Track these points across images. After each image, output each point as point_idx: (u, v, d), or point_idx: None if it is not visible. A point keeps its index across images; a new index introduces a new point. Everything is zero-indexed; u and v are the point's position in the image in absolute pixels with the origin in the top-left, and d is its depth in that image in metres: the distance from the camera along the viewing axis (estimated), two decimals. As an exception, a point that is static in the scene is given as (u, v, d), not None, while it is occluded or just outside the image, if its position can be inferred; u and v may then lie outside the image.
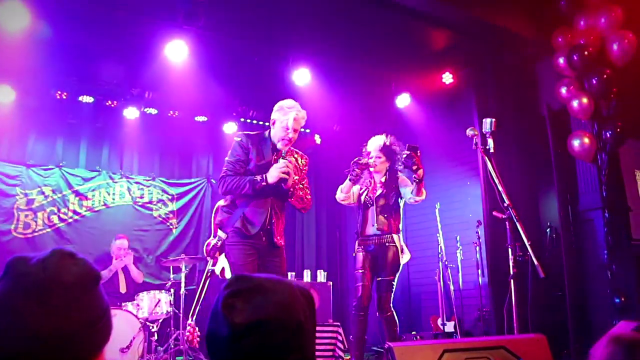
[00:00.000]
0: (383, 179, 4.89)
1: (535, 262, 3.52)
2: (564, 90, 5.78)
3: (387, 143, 4.94)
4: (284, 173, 3.65)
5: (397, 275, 4.72)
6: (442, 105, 7.34)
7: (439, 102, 7.35)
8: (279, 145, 3.84)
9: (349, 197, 4.87)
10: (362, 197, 4.88)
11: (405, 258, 4.82)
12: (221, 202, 4.06)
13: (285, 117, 3.82)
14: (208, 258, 3.96)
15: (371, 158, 4.86)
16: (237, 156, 3.81)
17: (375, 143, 4.96)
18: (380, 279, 4.67)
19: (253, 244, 3.74)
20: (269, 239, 3.79)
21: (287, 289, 1.13)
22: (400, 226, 4.88)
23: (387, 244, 4.69)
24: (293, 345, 1.07)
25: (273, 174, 3.64)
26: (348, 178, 4.75)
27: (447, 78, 7.08)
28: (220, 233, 3.87)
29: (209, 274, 4.00)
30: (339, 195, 4.91)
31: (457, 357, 2.59)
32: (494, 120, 3.96)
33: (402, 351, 2.56)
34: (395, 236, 4.73)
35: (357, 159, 4.78)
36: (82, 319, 1.04)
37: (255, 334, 1.05)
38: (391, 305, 4.62)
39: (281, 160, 3.69)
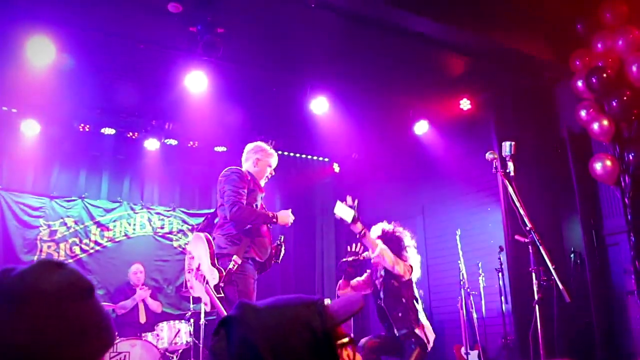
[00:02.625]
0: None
1: (561, 287, 3.43)
2: (583, 113, 5.73)
3: (387, 231, 4.99)
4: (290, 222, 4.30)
5: None
6: (460, 131, 7.33)
7: (457, 128, 7.33)
8: (262, 182, 4.41)
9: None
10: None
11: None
12: (215, 233, 4.22)
13: (268, 159, 4.47)
14: (221, 284, 3.99)
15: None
16: (243, 187, 4.19)
17: (376, 230, 5.03)
18: None
19: (254, 273, 4.17)
20: (263, 268, 4.28)
21: (273, 321, 1.08)
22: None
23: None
24: None
25: (284, 219, 4.26)
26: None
27: (465, 104, 7.07)
28: (236, 258, 4.00)
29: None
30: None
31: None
32: (513, 143, 3.94)
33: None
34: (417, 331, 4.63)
35: (344, 259, 4.92)
36: (63, 330, 1.00)
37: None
38: None
39: (290, 213, 4.32)
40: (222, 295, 4.02)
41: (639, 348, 5.04)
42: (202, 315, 6.28)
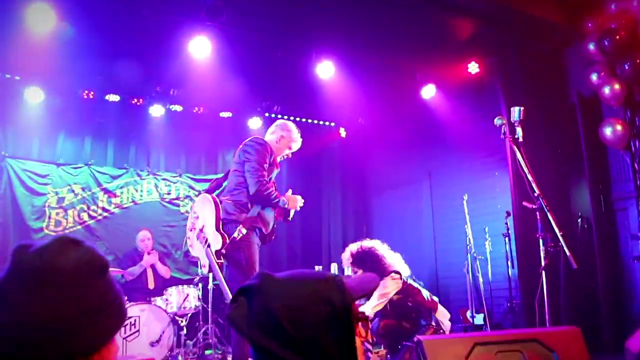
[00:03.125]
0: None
1: (568, 253, 3.43)
2: (594, 76, 5.62)
3: (355, 251, 4.82)
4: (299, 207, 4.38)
5: None
6: (468, 96, 7.23)
7: (465, 93, 7.23)
8: (278, 157, 4.43)
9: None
10: None
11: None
12: (224, 197, 4.23)
13: (292, 141, 4.49)
14: (223, 250, 4.02)
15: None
16: (266, 162, 4.21)
17: (345, 258, 4.90)
18: None
19: (259, 243, 4.23)
20: (264, 241, 4.31)
21: (295, 292, 1.09)
22: None
23: None
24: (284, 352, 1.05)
25: (293, 202, 4.33)
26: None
27: (473, 67, 6.95)
28: (241, 228, 4.03)
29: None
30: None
31: (489, 350, 2.53)
32: (522, 108, 3.88)
33: (432, 345, 2.51)
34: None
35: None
36: (81, 308, 1.01)
37: (243, 332, 1.09)
38: None
39: (299, 197, 4.39)
40: (222, 261, 4.07)
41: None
42: (210, 280, 6.37)
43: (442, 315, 4.83)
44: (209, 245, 4.09)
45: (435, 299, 4.91)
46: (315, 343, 1.05)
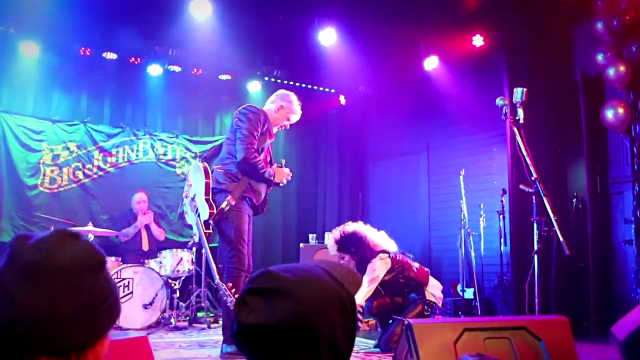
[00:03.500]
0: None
1: (561, 239, 3.45)
2: (600, 57, 5.53)
3: (338, 237, 4.75)
4: (286, 179, 4.36)
5: None
6: (471, 69, 7.14)
7: (468, 66, 7.14)
8: (274, 129, 4.44)
9: None
10: None
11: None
12: (215, 166, 4.24)
13: (292, 112, 4.44)
14: (211, 221, 4.04)
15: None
16: (257, 130, 4.16)
17: (330, 245, 4.83)
18: None
19: (249, 212, 4.25)
20: (257, 211, 4.38)
21: (317, 293, 1.07)
22: None
23: None
24: (302, 354, 1.04)
25: (279, 177, 4.30)
26: None
27: (478, 40, 6.83)
28: (230, 199, 4.06)
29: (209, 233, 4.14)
30: None
31: (477, 336, 2.56)
32: (525, 90, 3.84)
33: (422, 329, 2.54)
34: None
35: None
36: (78, 303, 1.01)
37: (259, 338, 1.04)
38: None
39: (287, 171, 4.38)
40: (210, 231, 4.09)
41: (632, 297, 5.13)
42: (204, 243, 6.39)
43: (435, 287, 4.87)
44: (198, 215, 4.11)
45: (426, 269, 4.94)
46: (332, 341, 1.06)
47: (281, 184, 4.41)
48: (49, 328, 0.98)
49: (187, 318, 6.22)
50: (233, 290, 3.77)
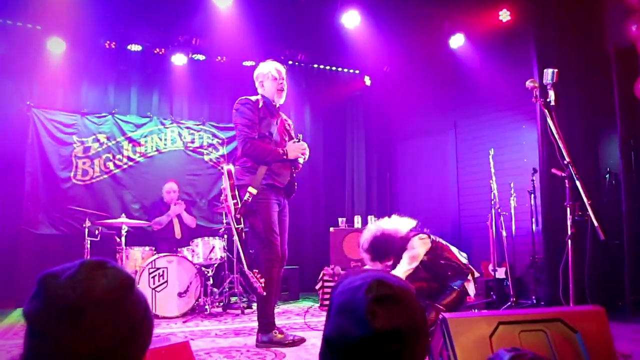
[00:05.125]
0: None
1: (596, 224, 3.38)
2: (634, 27, 5.36)
3: (366, 247, 4.14)
4: (302, 153, 4.23)
5: None
6: (498, 45, 6.98)
7: (495, 42, 6.98)
8: (276, 99, 4.32)
9: None
10: None
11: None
12: (232, 167, 4.21)
13: (267, 72, 4.36)
14: (238, 215, 4.04)
15: None
16: (252, 119, 4.15)
17: (366, 260, 4.21)
18: None
19: (277, 199, 4.21)
20: (288, 194, 4.31)
21: (414, 300, 1.21)
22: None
23: None
24: (414, 353, 1.18)
25: (293, 152, 4.18)
26: None
27: (504, 15, 6.67)
28: (251, 189, 4.06)
29: (243, 233, 4.11)
30: None
31: (512, 329, 2.55)
32: (556, 71, 3.73)
33: (457, 323, 2.54)
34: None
35: None
36: (119, 332, 1.04)
37: (393, 340, 1.15)
38: None
39: (302, 143, 4.24)
40: (241, 226, 4.11)
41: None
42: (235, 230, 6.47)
43: (470, 289, 4.66)
44: (231, 215, 4.17)
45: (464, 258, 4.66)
46: (427, 341, 1.28)
47: (302, 160, 4.29)
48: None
49: (221, 304, 6.33)
50: (259, 276, 3.91)
